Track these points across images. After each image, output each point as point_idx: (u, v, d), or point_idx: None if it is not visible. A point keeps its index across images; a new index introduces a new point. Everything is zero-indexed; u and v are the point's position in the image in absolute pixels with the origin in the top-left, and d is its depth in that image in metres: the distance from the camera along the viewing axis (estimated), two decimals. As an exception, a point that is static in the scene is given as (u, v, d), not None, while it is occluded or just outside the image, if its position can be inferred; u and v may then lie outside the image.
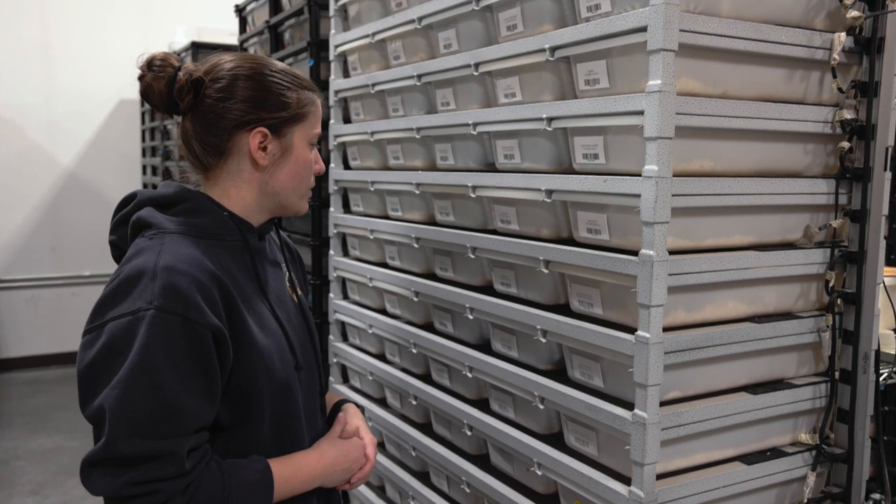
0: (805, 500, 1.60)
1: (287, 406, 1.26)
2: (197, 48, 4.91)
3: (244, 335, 1.19)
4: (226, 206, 1.28)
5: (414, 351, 2.14)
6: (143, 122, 6.08)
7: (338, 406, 1.46)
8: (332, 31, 2.56)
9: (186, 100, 1.24)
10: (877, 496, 1.72)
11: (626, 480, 1.44)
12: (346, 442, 1.37)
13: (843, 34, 1.55)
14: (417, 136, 2.08)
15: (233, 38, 4.32)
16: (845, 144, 1.60)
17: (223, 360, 1.16)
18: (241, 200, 1.29)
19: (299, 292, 1.42)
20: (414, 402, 2.17)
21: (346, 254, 2.65)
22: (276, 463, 1.23)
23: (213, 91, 1.24)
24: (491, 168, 1.90)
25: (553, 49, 1.56)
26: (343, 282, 2.69)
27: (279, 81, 1.27)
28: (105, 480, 1.08)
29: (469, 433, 1.90)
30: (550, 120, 1.58)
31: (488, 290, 1.89)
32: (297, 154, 1.30)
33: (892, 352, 1.82)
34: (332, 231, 2.66)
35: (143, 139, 6.11)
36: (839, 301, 1.63)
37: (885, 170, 1.59)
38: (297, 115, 1.29)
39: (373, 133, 2.31)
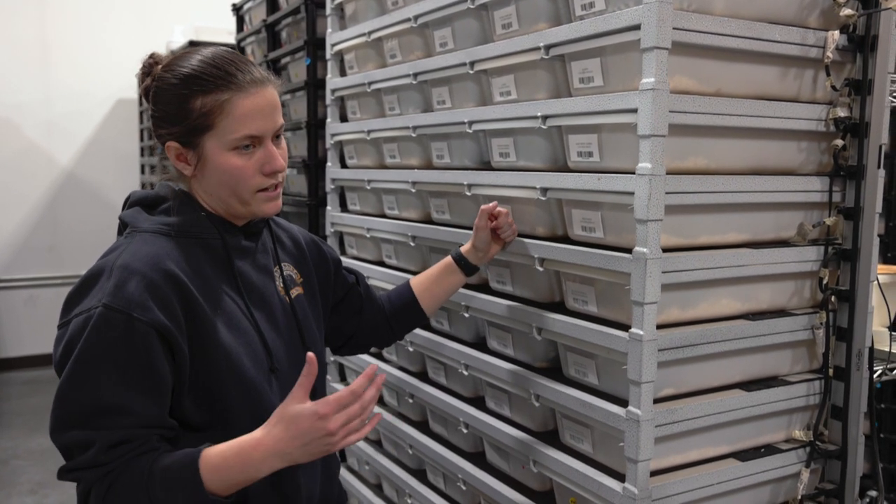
0: (799, 497, 1.61)
1: (264, 407, 1.23)
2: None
3: (206, 333, 1.18)
4: (204, 207, 1.28)
5: (410, 349, 2.14)
6: (141, 121, 6.07)
7: None
8: (329, 30, 2.57)
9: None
10: (872, 493, 1.73)
11: (621, 477, 1.45)
12: (293, 417, 1.11)
13: (836, 32, 1.55)
14: (413, 135, 2.08)
15: (230, 37, 4.32)
16: (839, 142, 1.61)
17: (174, 357, 1.15)
18: (209, 203, 1.29)
19: (293, 294, 1.39)
20: (410, 401, 2.18)
21: (343, 253, 2.66)
22: (208, 452, 1.12)
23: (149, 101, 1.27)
24: (486, 166, 1.91)
25: (548, 47, 1.56)
26: (340, 280, 2.69)
27: (178, 92, 1.20)
28: (63, 466, 1.15)
29: (465, 431, 1.91)
30: (545, 118, 1.58)
31: (484, 287, 1.89)
32: (215, 163, 1.22)
33: (886, 349, 1.82)
34: (329, 230, 2.67)
35: (142, 139, 6.10)
36: (833, 298, 1.63)
37: (879, 167, 1.59)
38: (199, 126, 1.19)
39: (369, 132, 2.31)
